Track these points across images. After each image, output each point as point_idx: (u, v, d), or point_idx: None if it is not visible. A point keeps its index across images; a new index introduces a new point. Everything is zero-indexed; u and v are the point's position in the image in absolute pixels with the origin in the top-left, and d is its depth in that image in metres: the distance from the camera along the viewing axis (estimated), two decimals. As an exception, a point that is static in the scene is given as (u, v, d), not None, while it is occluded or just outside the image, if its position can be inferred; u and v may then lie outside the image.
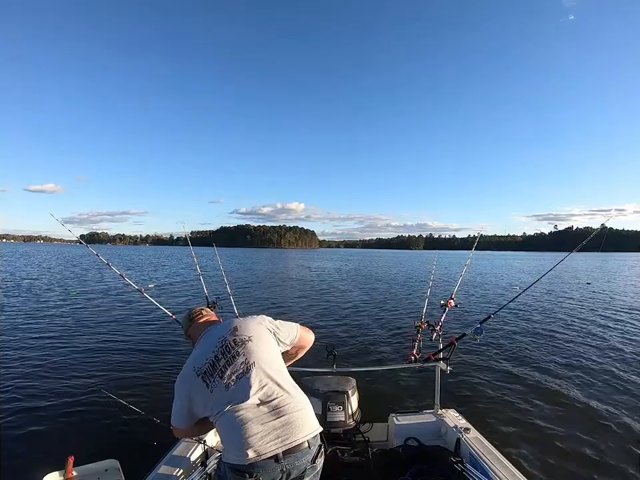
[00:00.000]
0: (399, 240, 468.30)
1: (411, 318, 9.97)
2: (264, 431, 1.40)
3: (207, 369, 1.53)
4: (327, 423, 2.64)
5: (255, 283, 21.21)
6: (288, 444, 1.40)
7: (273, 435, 1.40)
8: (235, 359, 1.54)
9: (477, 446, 2.36)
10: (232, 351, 1.57)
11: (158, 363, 6.23)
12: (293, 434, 1.42)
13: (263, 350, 1.61)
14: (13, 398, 4.76)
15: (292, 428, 1.43)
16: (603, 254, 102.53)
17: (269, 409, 1.45)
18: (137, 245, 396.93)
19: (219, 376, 1.51)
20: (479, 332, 2.67)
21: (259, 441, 1.38)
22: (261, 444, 1.37)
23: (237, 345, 1.58)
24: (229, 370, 1.52)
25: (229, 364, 1.53)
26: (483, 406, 4.71)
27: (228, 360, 1.54)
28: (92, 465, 1.82)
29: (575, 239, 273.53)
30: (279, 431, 1.41)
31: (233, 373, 1.51)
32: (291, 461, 1.41)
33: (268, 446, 1.38)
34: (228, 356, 1.55)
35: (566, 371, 6.09)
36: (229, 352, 1.56)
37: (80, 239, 3.93)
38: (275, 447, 1.38)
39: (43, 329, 8.54)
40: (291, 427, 1.43)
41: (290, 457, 1.40)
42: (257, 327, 1.69)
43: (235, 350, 1.57)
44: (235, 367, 1.53)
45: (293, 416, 1.46)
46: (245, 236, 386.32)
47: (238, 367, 1.53)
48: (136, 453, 2.55)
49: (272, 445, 1.38)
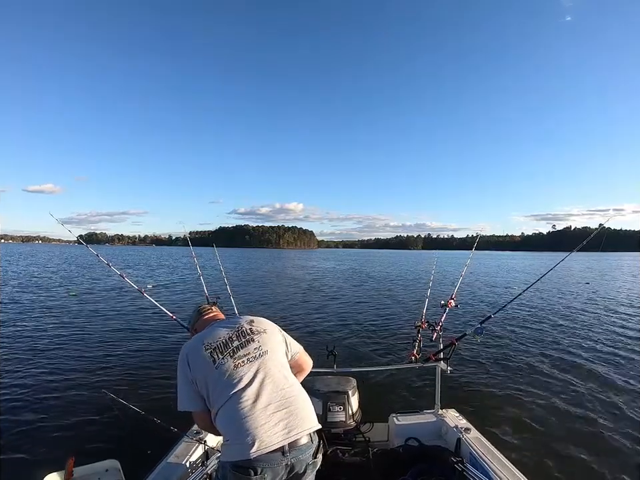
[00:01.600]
0: (397, 240, 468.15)
1: (411, 318, 9.98)
2: (271, 422, 1.38)
3: (218, 346, 1.52)
4: (328, 423, 2.64)
5: (255, 283, 21.19)
6: (294, 435, 1.39)
7: (280, 426, 1.39)
8: (249, 343, 1.55)
9: (477, 446, 2.37)
10: (247, 336, 1.58)
11: (158, 363, 6.21)
12: (298, 426, 1.42)
13: (275, 343, 1.63)
14: (13, 398, 4.75)
15: (297, 420, 1.43)
16: (602, 254, 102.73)
17: (276, 399, 1.44)
18: (135, 245, 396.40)
19: (229, 355, 1.50)
20: (479, 332, 2.67)
21: (267, 431, 1.36)
22: (269, 434, 1.35)
23: (252, 333, 1.60)
24: (241, 351, 1.52)
25: (242, 346, 1.53)
26: (483, 406, 4.71)
27: (242, 343, 1.55)
28: (92, 465, 1.82)
29: (573, 239, 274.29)
30: (286, 422, 1.40)
31: (245, 355, 1.51)
32: (296, 454, 1.40)
33: (275, 437, 1.36)
34: (242, 340, 1.56)
35: (566, 370, 6.10)
36: (245, 337, 1.57)
37: (80, 240, 3.92)
38: (282, 438, 1.37)
39: (43, 329, 8.52)
40: (296, 418, 1.43)
41: (295, 451, 1.39)
42: (270, 324, 1.73)
43: (250, 336, 1.58)
44: (248, 349, 1.53)
45: (298, 408, 1.47)
46: (243, 236, 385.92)
47: (251, 350, 1.53)
48: (136, 453, 2.55)
49: (279, 436, 1.37)
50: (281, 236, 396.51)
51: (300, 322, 10.02)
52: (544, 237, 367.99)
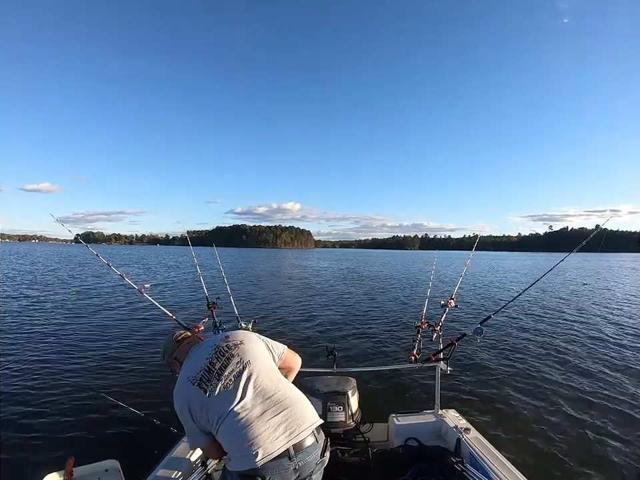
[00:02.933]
0: (394, 240, 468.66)
1: (411, 318, 9.99)
2: (270, 428, 1.38)
3: (203, 376, 1.51)
4: (327, 423, 2.63)
5: (253, 283, 21.13)
6: (296, 436, 1.39)
7: (280, 431, 1.39)
8: (230, 360, 1.54)
9: (477, 446, 2.37)
10: (226, 353, 1.57)
11: (158, 363, 6.16)
12: (299, 425, 1.42)
13: (255, 350, 1.63)
14: (13, 398, 4.73)
15: (296, 419, 1.43)
16: (599, 254, 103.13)
17: (270, 405, 1.44)
18: (132, 244, 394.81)
19: (216, 379, 1.49)
20: (479, 332, 2.67)
21: (267, 438, 1.36)
22: (270, 441, 1.35)
23: (230, 349, 1.59)
24: (226, 371, 1.51)
25: (224, 366, 1.53)
26: (483, 406, 4.72)
27: (223, 363, 1.54)
28: (92, 465, 1.82)
29: (570, 239, 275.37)
30: (285, 425, 1.40)
31: (230, 373, 1.51)
32: (303, 457, 1.39)
33: (277, 442, 1.36)
34: (222, 359, 1.55)
35: (566, 370, 6.11)
36: (224, 355, 1.56)
37: (80, 239, 3.92)
38: (285, 441, 1.37)
39: (42, 329, 8.48)
40: (295, 418, 1.43)
41: (301, 453, 1.39)
42: (246, 333, 1.73)
43: (229, 352, 1.57)
44: (232, 366, 1.52)
45: (295, 408, 1.47)
46: (240, 236, 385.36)
47: (234, 366, 1.53)
48: (136, 454, 2.54)
49: (281, 441, 1.36)
50: (278, 236, 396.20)
51: (299, 322, 10.01)
52: (541, 237, 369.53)
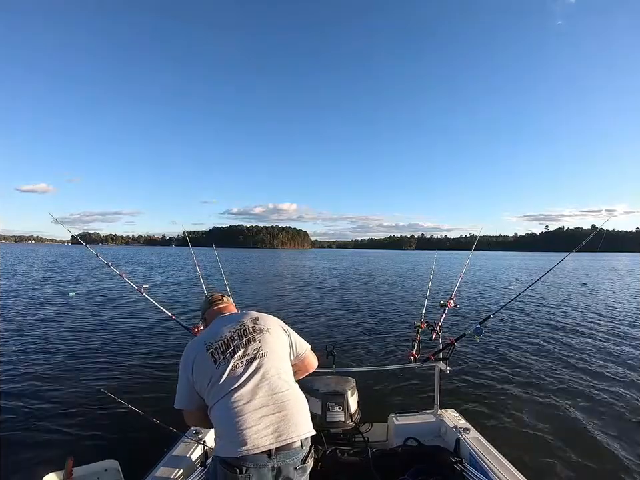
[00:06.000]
0: (390, 240, 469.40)
1: (410, 318, 9.99)
2: (262, 424, 1.38)
3: (219, 346, 1.52)
4: (327, 423, 2.62)
5: (252, 283, 21.12)
6: (282, 440, 1.38)
7: (270, 430, 1.38)
8: (249, 344, 1.54)
9: (477, 446, 2.37)
10: (249, 335, 1.57)
11: (157, 363, 6.17)
12: (289, 431, 1.40)
13: (277, 344, 1.62)
14: (13, 398, 4.71)
15: (289, 425, 1.41)
16: (596, 254, 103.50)
17: (270, 402, 1.43)
18: (129, 245, 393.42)
19: (230, 355, 1.50)
20: (479, 332, 2.67)
21: (255, 434, 1.35)
22: (257, 437, 1.35)
23: (254, 332, 1.59)
24: (240, 351, 1.51)
25: (242, 346, 1.53)
26: (483, 406, 4.72)
27: (243, 342, 1.54)
28: (92, 465, 1.82)
29: (565, 239, 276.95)
30: (276, 426, 1.39)
31: (244, 355, 1.51)
32: (282, 458, 1.38)
33: (263, 440, 1.35)
34: (244, 339, 1.55)
35: (565, 370, 6.12)
36: (246, 335, 1.57)
37: (79, 239, 3.92)
38: (270, 441, 1.36)
39: (42, 329, 8.43)
40: (288, 423, 1.42)
41: (282, 454, 1.38)
42: (275, 323, 1.73)
43: (252, 335, 1.57)
44: (247, 350, 1.52)
45: (292, 413, 1.45)
46: (237, 236, 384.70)
47: (250, 351, 1.52)
48: (136, 453, 2.54)
49: (267, 440, 1.36)
50: (274, 236, 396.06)
51: (299, 322, 9.99)
52: (537, 237, 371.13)
